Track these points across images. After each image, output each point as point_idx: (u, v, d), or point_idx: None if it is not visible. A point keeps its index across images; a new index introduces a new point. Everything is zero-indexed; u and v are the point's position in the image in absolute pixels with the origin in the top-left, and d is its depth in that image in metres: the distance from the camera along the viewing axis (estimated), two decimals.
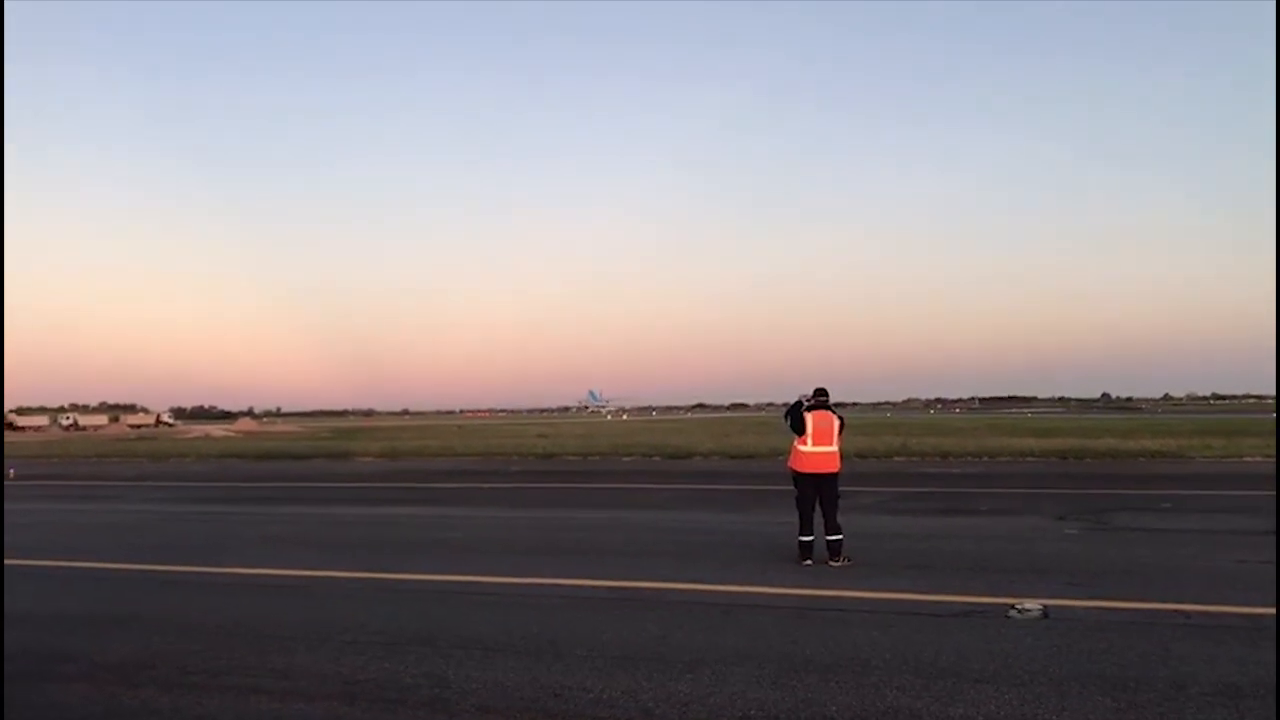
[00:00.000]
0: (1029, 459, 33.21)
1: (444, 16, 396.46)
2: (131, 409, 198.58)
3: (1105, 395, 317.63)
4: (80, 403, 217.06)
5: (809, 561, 11.68)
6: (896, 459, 34.10)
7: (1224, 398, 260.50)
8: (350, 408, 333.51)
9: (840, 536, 11.72)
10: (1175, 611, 8.82)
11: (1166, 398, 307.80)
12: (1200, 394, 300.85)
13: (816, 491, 11.96)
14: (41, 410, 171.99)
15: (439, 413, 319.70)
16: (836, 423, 12.15)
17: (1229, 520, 15.51)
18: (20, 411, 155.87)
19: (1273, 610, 8.59)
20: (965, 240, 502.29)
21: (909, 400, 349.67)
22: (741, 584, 10.50)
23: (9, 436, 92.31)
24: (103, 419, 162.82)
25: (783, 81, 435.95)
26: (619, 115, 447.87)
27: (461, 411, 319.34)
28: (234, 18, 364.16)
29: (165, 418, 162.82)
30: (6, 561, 13.19)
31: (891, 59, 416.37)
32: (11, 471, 34.61)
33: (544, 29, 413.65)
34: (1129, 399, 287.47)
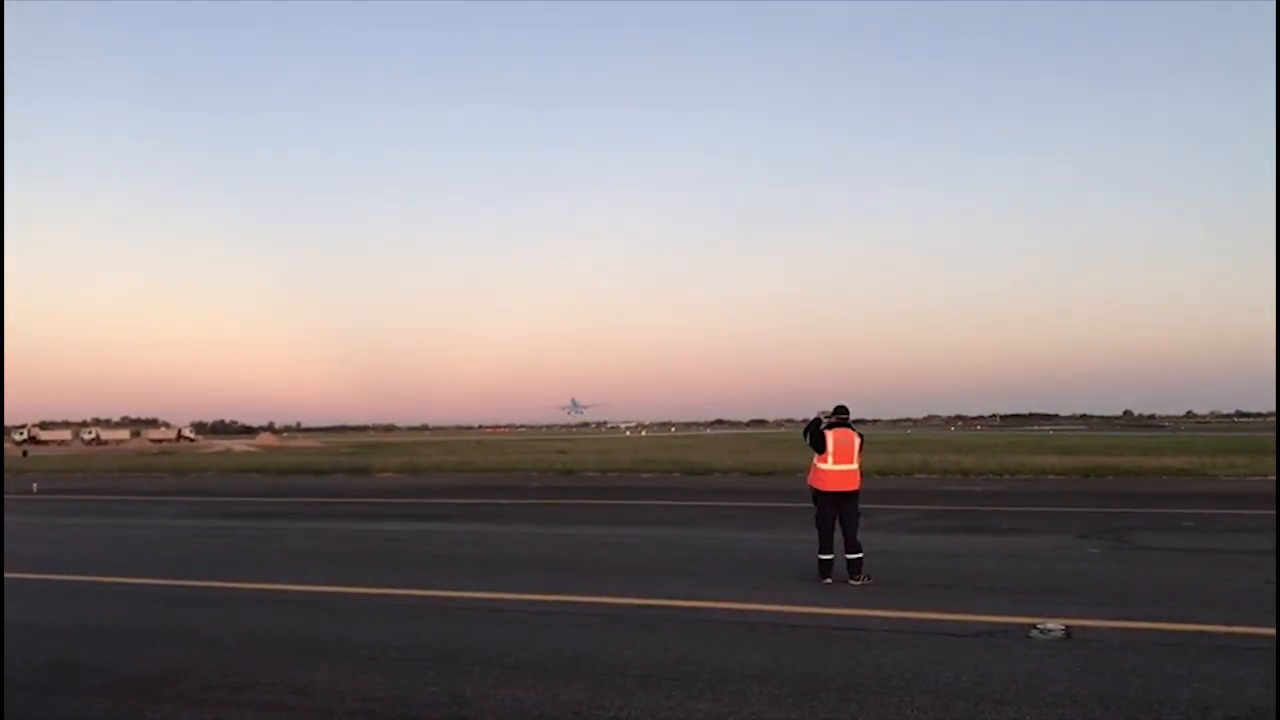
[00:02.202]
0: (1051, 477, 33.01)
1: (460, 48, 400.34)
2: (153, 424, 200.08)
3: (1127, 412, 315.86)
4: (103, 417, 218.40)
5: (829, 580, 11.63)
6: (917, 476, 33.97)
7: (1248, 415, 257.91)
8: (370, 423, 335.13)
9: (861, 555, 11.67)
10: (1200, 633, 8.74)
11: (1189, 415, 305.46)
12: (1224, 411, 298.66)
13: (837, 510, 11.91)
14: (65, 425, 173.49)
15: (459, 428, 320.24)
16: (857, 440, 12.10)
17: (1254, 540, 15.33)
18: (44, 426, 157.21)
19: None
20: (987, 257, 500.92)
21: (929, 417, 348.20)
22: (762, 602, 10.45)
23: (33, 450, 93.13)
24: (125, 434, 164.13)
25: (800, 99, 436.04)
26: (635, 134, 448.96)
27: (481, 427, 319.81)
28: (267, 48, 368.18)
29: (186, 433, 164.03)
30: (32, 576, 13.32)
31: (907, 77, 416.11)
32: (35, 485, 34.90)
33: (556, 60, 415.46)
34: (1151, 416, 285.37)
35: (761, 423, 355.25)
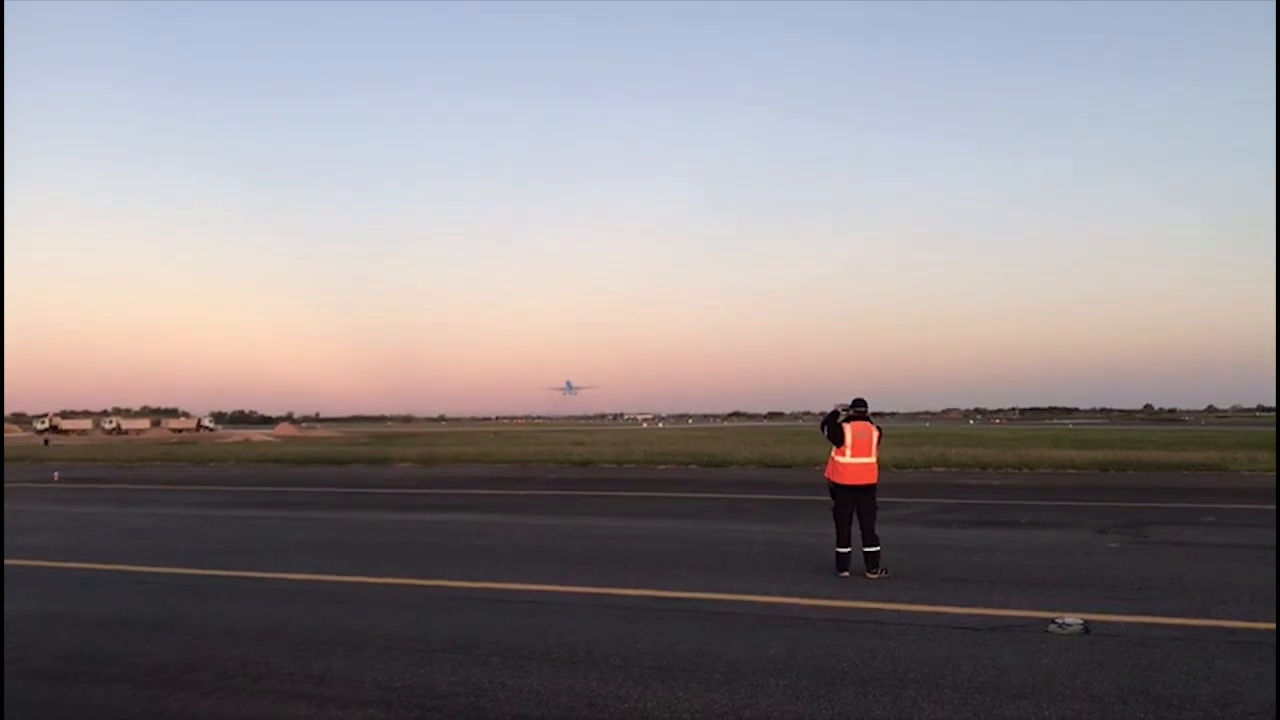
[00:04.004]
0: (1070, 471, 32.82)
1: (473, 43, 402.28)
2: (173, 413, 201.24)
3: (1148, 406, 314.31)
4: (123, 406, 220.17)
5: (846, 573, 11.61)
6: (935, 470, 33.84)
7: (1269, 410, 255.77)
8: (388, 414, 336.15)
9: (878, 548, 11.65)
10: (1220, 628, 8.69)
11: (1210, 409, 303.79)
12: (1246, 406, 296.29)
13: (854, 503, 11.89)
14: (85, 414, 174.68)
15: (476, 419, 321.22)
16: (875, 434, 12.07)
17: (1274, 535, 15.21)
18: (65, 415, 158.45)
19: None
20: (1006, 248, 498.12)
21: (948, 410, 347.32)
22: (779, 595, 10.46)
23: (55, 439, 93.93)
24: (145, 423, 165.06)
25: (817, 92, 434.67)
26: (653, 126, 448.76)
27: (498, 418, 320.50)
28: (279, 38, 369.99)
29: (206, 422, 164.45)
30: (52, 564, 13.45)
31: (924, 69, 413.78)
32: (56, 474, 35.17)
33: (566, 51, 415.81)
34: (1172, 410, 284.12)
35: (779, 415, 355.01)
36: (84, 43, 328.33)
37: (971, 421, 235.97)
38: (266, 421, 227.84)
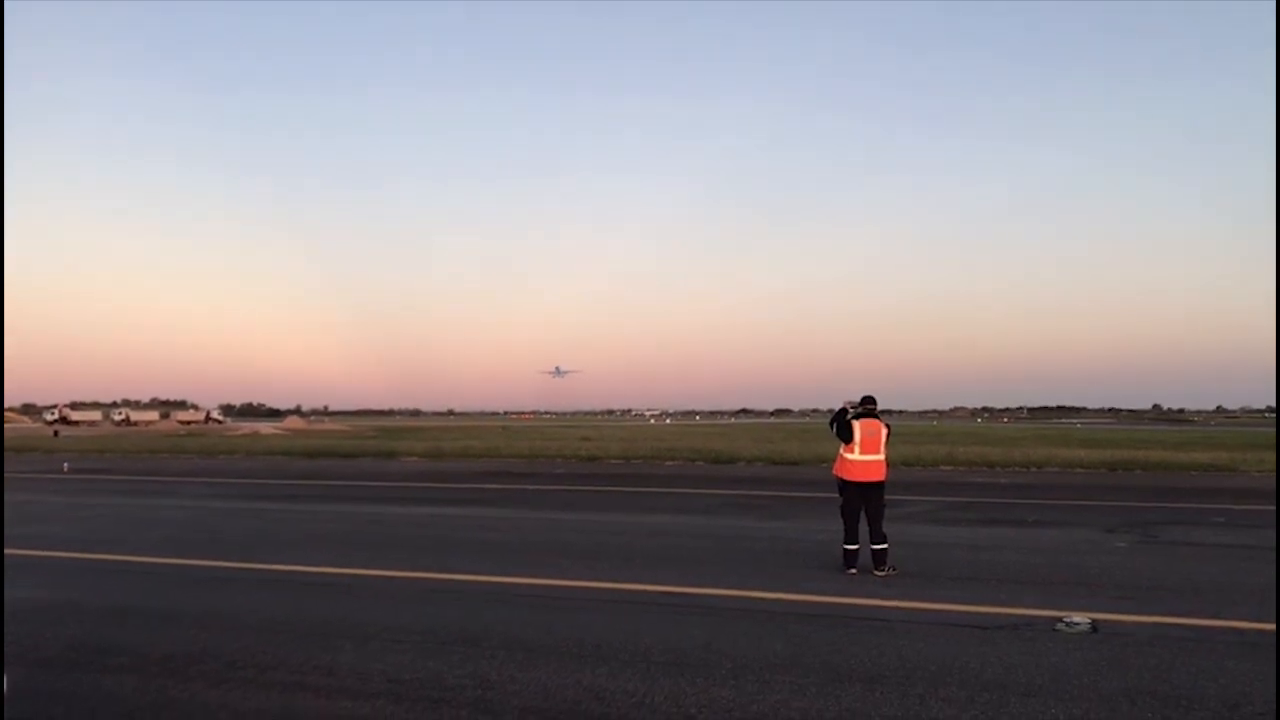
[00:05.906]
0: (1078, 470, 32.78)
1: (478, 43, 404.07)
2: (182, 405, 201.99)
3: (1156, 406, 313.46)
4: (132, 398, 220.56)
5: (854, 570, 11.61)
6: (943, 468, 33.81)
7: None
8: (396, 407, 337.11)
9: (885, 546, 11.64)
10: (1229, 628, 8.67)
11: (1219, 410, 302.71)
12: (1255, 407, 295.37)
13: (862, 500, 11.88)
14: (95, 405, 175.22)
15: (483, 414, 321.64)
16: (884, 431, 12.06)
17: None
18: (74, 406, 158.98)
19: None
20: (1015, 249, 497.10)
21: (956, 408, 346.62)
22: (786, 592, 10.45)
23: (64, 430, 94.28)
24: (154, 415, 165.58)
25: (831, 89, 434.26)
26: (663, 122, 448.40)
27: (506, 413, 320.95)
28: (283, 37, 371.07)
29: (215, 415, 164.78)
30: (60, 554, 13.50)
31: (935, 67, 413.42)
32: (66, 465, 35.30)
33: (577, 52, 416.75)
34: (1180, 410, 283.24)
35: (786, 412, 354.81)
36: (86, 43, 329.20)
37: (979, 420, 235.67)
38: (275, 414, 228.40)
